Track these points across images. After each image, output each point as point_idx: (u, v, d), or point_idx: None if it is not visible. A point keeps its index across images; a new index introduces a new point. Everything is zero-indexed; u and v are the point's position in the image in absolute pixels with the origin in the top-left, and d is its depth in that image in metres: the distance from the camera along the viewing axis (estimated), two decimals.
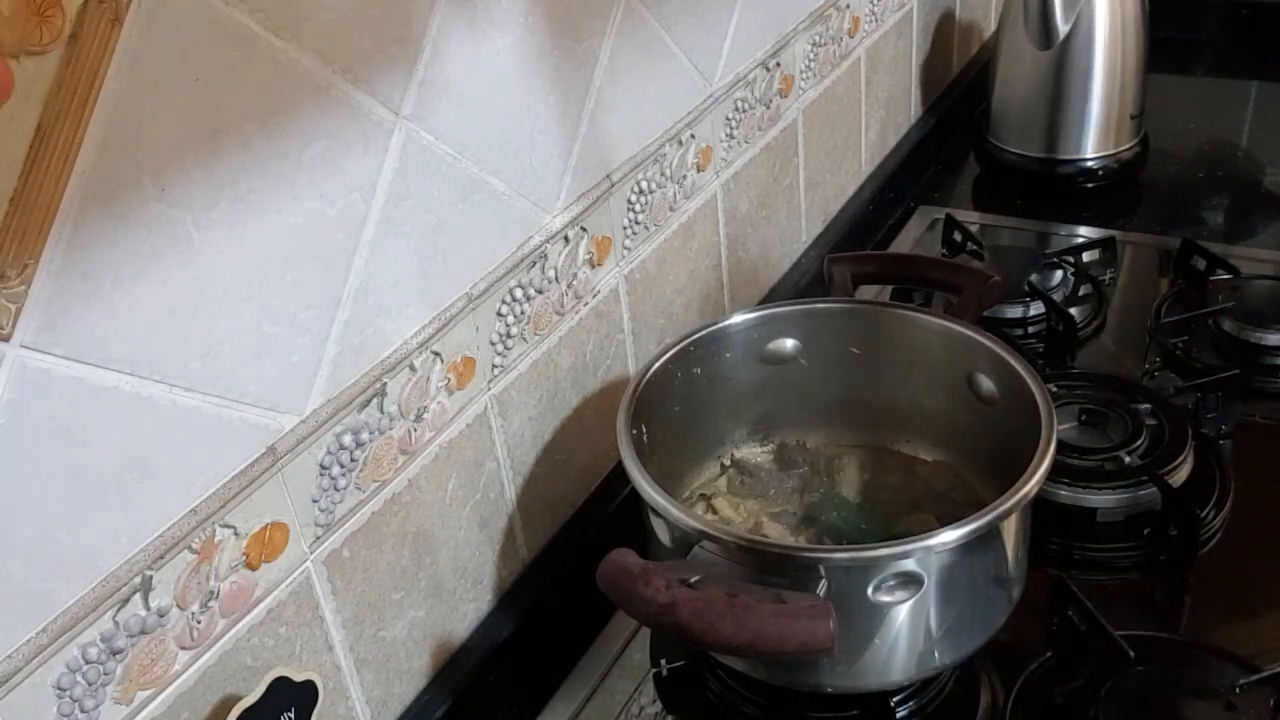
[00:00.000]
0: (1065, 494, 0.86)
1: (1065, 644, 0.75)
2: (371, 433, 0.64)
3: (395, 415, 0.66)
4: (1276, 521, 0.86)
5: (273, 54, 0.53)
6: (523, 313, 0.75)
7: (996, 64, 1.39)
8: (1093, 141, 1.32)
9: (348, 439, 0.62)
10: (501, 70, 0.69)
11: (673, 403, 0.81)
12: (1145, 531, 0.85)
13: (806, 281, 1.14)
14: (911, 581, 0.64)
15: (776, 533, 0.80)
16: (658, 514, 0.69)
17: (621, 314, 0.87)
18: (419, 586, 0.70)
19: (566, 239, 0.78)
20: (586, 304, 0.82)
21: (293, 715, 0.59)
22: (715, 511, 0.83)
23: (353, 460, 0.63)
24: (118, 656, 0.51)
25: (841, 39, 1.16)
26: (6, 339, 0.44)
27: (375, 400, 0.64)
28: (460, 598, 0.75)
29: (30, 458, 0.46)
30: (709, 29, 0.91)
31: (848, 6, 1.16)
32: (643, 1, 0.81)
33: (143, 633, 0.52)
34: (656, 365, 0.79)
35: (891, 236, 1.31)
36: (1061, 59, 1.30)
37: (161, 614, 0.53)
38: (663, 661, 0.79)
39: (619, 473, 0.73)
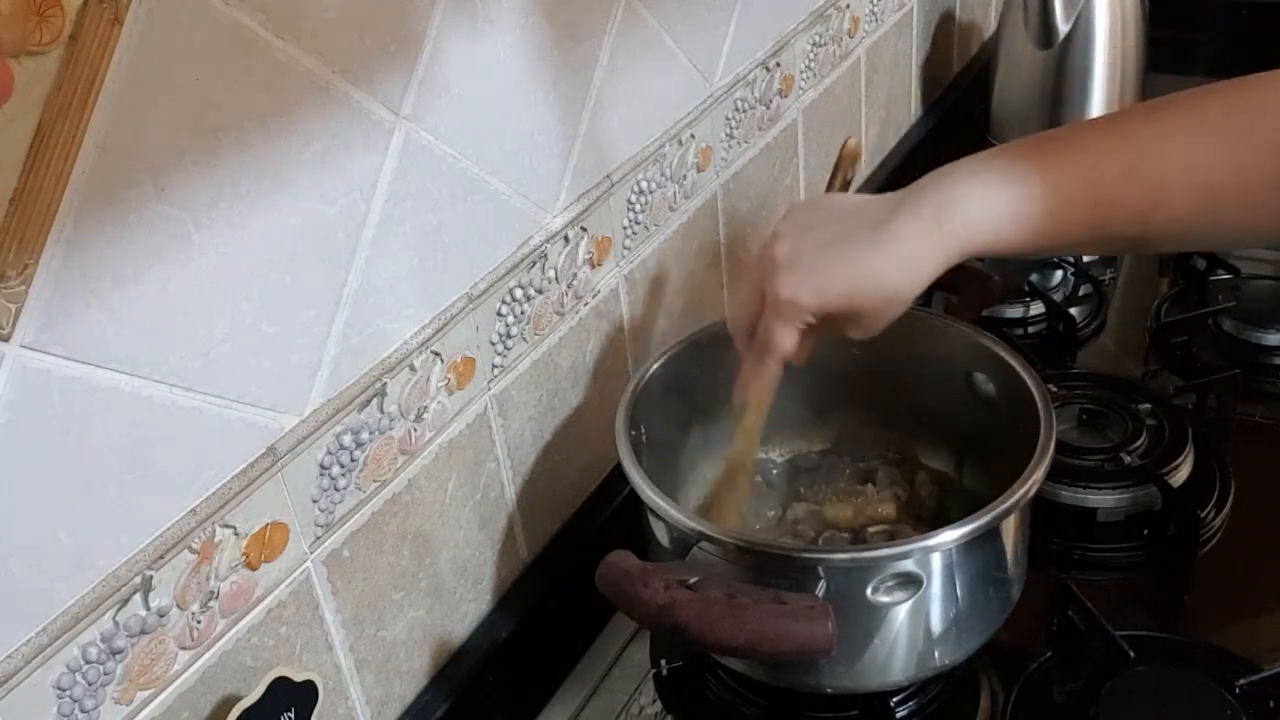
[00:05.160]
0: (1065, 494, 0.86)
1: (1065, 644, 0.75)
2: (371, 433, 0.64)
3: (395, 415, 0.66)
4: (1276, 521, 0.86)
5: (273, 54, 0.53)
6: (523, 313, 0.75)
7: (996, 64, 1.39)
8: None
9: (348, 439, 0.62)
10: (501, 70, 0.69)
11: (673, 403, 0.80)
12: (1145, 531, 0.85)
13: None
14: (911, 582, 0.64)
15: (776, 533, 0.80)
16: (657, 515, 0.69)
17: (621, 314, 0.87)
18: (419, 586, 0.71)
19: (566, 239, 0.78)
20: (586, 304, 0.82)
21: (293, 715, 0.59)
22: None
23: (353, 460, 0.63)
24: (118, 656, 0.51)
25: (841, 39, 1.16)
26: (6, 339, 0.44)
27: (375, 400, 0.64)
28: (460, 598, 0.75)
29: (30, 458, 0.46)
30: (709, 29, 0.91)
31: (848, 6, 1.16)
32: (643, 1, 0.81)
33: (143, 633, 0.52)
34: (656, 365, 0.79)
35: None
36: (1061, 59, 1.30)
37: (161, 614, 0.53)
38: (663, 661, 0.79)
39: (619, 473, 0.73)
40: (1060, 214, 0.60)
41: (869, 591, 0.63)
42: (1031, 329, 1.10)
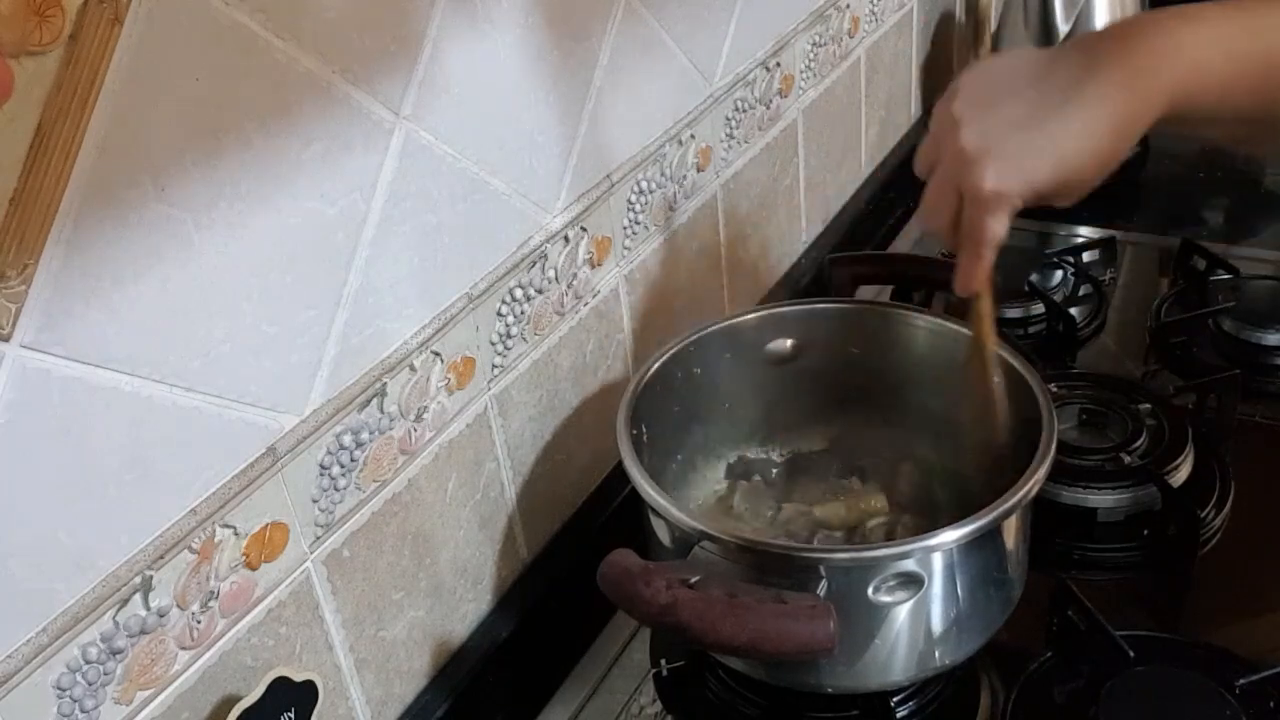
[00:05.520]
0: (1065, 494, 0.86)
1: (1065, 644, 0.75)
2: (371, 433, 0.64)
3: (395, 415, 0.66)
4: (1276, 521, 0.86)
5: (273, 54, 0.53)
6: (523, 313, 0.75)
7: None
8: None
9: (348, 439, 0.62)
10: (501, 70, 0.69)
11: (673, 403, 0.81)
12: (1145, 531, 0.85)
13: (806, 281, 1.14)
14: (912, 581, 0.64)
15: (770, 534, 0.80)
16: (658, 514, 0.69)
17: (621, 314, 0.87)
18: (419, 586, 0.70)
19: (566, 239, 0.78)
20: (586, 304, 0.82)
21: (293, 715, 0.59)
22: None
23: (353, 460, 0.63)
24: (118, 656, 0.51)
25: (841, 39, 1.16)
26: (6, 339, 0.44)
27: (375, 400, 0.64)
28: (460, 598, 0.75)
29: (30, 458, 0.46)
30: (709, 29, 0.91)
31: (848, 6, 1.16)
32: (643, 1, 0.81)
33: (143, 633, 0.52)
34: (656, 365, 0.79)
35: (891, 236, 1.31)
36: None
37: (161, 614, 0.53)
38: (663, 661, 0.79)
39: (619, 473, 0.73)
40: (1259, 71, 0.58)
41: (870, 591, 0.63)
42: (1031, 329, 1.09)
